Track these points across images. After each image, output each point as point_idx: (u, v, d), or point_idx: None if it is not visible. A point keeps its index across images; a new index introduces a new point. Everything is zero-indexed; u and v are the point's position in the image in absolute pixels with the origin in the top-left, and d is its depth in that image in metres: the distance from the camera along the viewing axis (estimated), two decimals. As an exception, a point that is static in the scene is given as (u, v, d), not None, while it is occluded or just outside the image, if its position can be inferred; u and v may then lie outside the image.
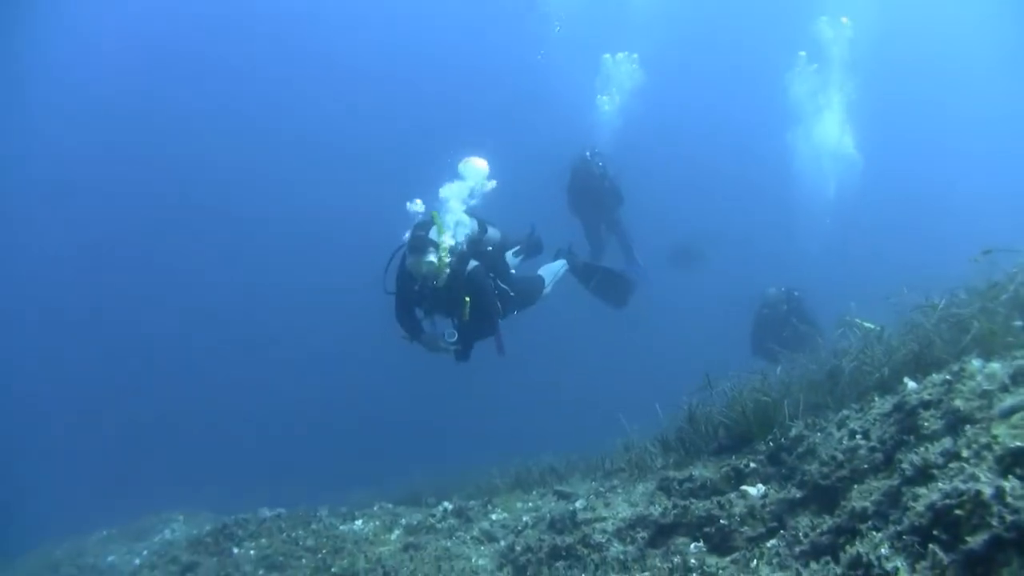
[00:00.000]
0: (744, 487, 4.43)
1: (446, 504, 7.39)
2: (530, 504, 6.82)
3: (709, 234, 24.60)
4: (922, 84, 37.13)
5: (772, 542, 3.77)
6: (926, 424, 3.53)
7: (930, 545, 2.58)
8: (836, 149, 24.51)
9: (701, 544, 4.14)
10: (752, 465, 4.65)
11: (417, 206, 8.50)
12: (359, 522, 7.69)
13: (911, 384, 3.99)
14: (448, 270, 7.83)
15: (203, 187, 37.61)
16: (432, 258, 7.73)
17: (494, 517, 6.65)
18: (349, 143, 38.97)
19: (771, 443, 4.68)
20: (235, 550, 7.64)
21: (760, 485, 4.40)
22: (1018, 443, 2.69)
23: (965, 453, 2.98)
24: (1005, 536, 2.35)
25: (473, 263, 8.19)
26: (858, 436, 3.93)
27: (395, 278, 8.18)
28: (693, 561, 3.86)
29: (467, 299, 7.99)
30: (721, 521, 4.13)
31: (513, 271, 9.27)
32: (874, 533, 2.99)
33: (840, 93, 24.33)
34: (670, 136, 34.49)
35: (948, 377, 3.72)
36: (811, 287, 12.40)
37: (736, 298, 12.73)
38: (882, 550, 2.77)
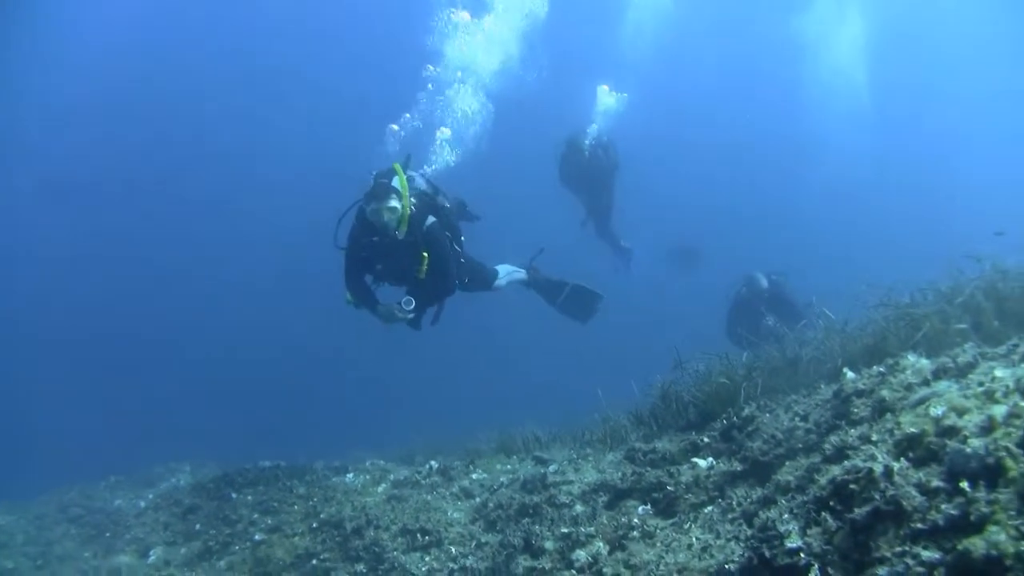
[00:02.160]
0: (695, 459, 4.79)
1: (432, 463, 7.77)
2: (509, 467, 7.20)
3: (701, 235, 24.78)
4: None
5: (709, 508, 4.13)
6: (856, 411, 3.86)
7: (822, 512, 2.91)
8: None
9: (649, 507, 4.50)
10: (706, 440, 5.01)
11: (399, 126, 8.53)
12: (351, 475, 8.12)
13: (850, 374, 4.32)
14: (408, 223, 7.54)
15: (197, 176, 38.27)
16: (395, 203, 7.42)
17: (474, 476, 7.04)
18: (345, 124, 38.35)
19: (725, 421, 5.02)
20: (234, 495, 8.10)
21: (710, 458, 4.75)
22: (913, 429, 3.00)
23: (875, 437, 3.31)
24: (884, 508, 2.66)
25: (431, 219, 7.90)
26: (798, 419, 4.27)
27: (348, 236, 7.84)
28: (636, 521, 4.23)
29: (425, 255, 7.66)
30: (668, 488, 4.49)
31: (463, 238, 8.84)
32: (783, 502, 3.34)
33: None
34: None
35: (883, 370, 4.04)
36: (805, 269, 12.44)
37: (721, 284, 12.71)
38: (784, 515, 3.12)
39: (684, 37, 28.08)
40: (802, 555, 2.84)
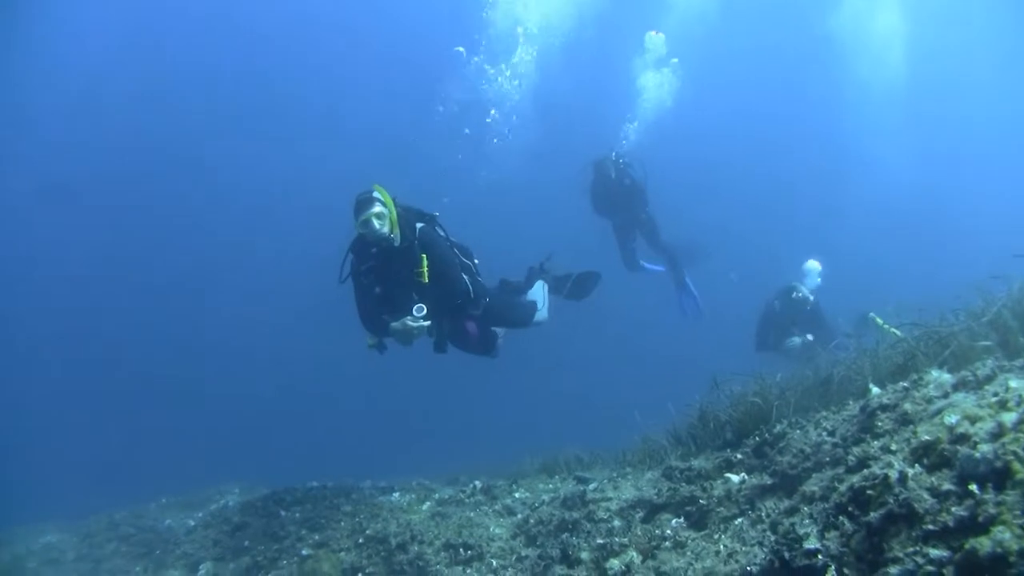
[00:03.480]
0: (728, 474, 4.94)
1: (476, 483, 7.99)
2: (551, 486, 7.37)
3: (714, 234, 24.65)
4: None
5: (739, 520, 4.27)
6: (880, 424, 3.98)
7: (840, 517, 3.06)
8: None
9: (682, 520, 4.66)
10: (739, 457, 5.15)
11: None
12: (396, 494, 8.33)
13: (875, 390, 4.45)
14: (397, 228, 7.66)
15: (199, 182, 38.61)
16: (380, 208, 7.53)
17: (517, 495, 7.22)
18: (352, 133, 38.89)
19: (757, 438, 5.16)
20: (282, 513, 8.34)
21: (743, 474, 4.89)
22: (927, 437, 3.14)
23: (894, 447, 3.44)
24: (897, 511, 2.80)
25: (420, 224, 7.98)
26: (826, 434, 4.40)
27: (349, 271, 7.97)
28: (668, 532, 4.40)
29: (423, 256, 7.70)
30: (701, 502, 4.64)
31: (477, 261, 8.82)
32: (806, 509, 3.48)
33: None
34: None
35: (907, 385, 4.17)
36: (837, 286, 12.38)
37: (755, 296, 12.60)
38: (805, 520, 3.27)
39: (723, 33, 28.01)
40: (820, 556, 2.98)
